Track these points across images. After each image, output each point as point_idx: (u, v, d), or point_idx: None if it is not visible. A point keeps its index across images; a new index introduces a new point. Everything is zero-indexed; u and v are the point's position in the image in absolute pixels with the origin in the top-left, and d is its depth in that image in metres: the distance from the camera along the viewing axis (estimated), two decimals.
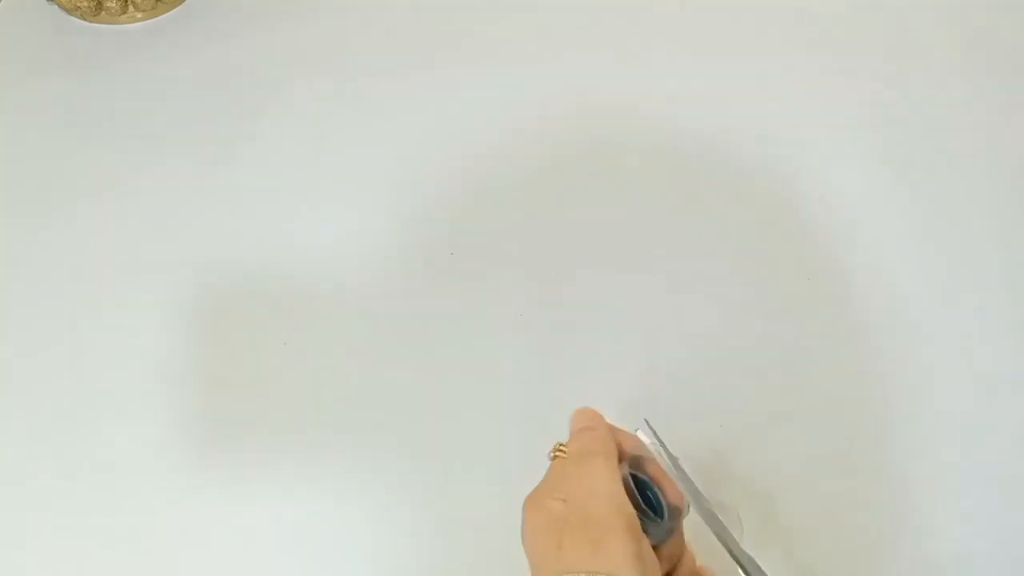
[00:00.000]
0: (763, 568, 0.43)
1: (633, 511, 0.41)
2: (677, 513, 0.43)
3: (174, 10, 0.82)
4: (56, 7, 0.81)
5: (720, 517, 0.43)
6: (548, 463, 0.45)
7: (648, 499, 0.43)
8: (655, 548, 0.42)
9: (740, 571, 0.42)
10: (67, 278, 0.67)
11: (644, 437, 0.46)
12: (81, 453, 0.60)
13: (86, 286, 0.67)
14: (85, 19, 0.81)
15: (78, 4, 0.79)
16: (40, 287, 0.67)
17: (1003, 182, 0.73)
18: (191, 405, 0.62)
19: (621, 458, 0.44)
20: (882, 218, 0.71)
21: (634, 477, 0.44)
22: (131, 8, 0.81)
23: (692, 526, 0.45)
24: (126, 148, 0.74)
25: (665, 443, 0.46)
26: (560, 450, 0.45)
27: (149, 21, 0.82)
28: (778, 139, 0.74)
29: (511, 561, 0.43)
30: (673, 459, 0.46)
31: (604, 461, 0.42)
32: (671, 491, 0.44)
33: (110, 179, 0.72)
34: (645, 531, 0.41)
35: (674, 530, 0.43)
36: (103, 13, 0.81)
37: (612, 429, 0.46)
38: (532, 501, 0.43)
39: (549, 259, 0.68)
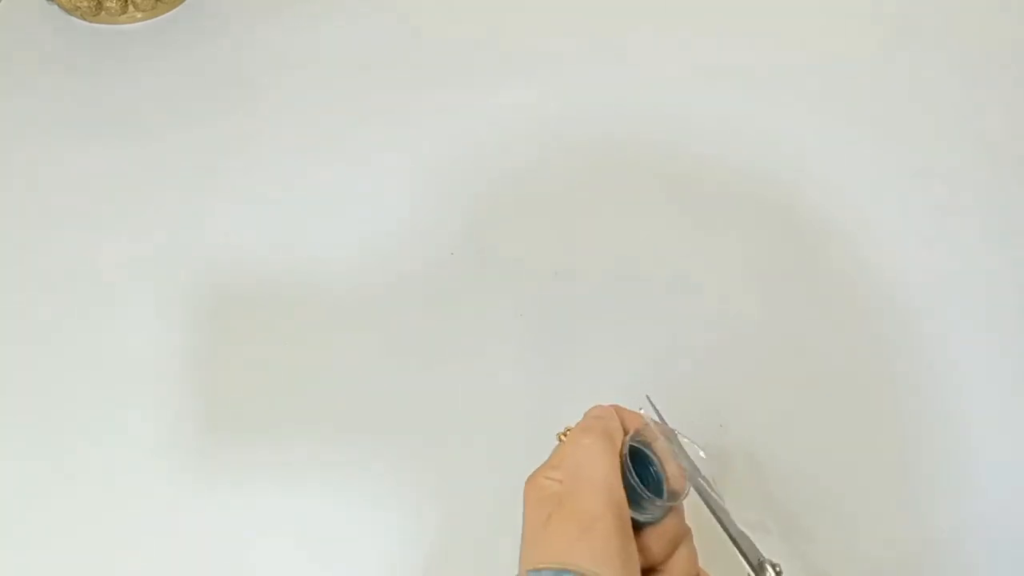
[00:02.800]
0: (757, 545, 0.42)
1: (625, 501, 0.41)
2: (675, 495, 0.43)
3: (174, 10, 0.82)
4: (56, 7, 0.81)
5: (716, 495, 0.43)
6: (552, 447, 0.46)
7: (648, 476, 0.43)
8: (649, 527, 0.42)
9: (736, 550, 0.42)
10: (66, 278, 0.67)
11: (645, 416, 0.46)
12: (80, 453, 0.60)
13: (85, 286, 0.67)
14: (85, 19, 0.81)
15: (78, 4, 0.79)
16: (39, 287, 0.67)
17: (1007, 181, 0.73)
18: (190, 405, 0.62)
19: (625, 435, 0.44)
20: (883, 218, 0.71)
21: (636, 453, 0.43)
22: (131, 8, 0.81)
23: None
24: (126, 148, 0.74)
25: (665, 419, 0.46)
26: (567, 433, 0.46)
27: (149, 21, 0.82)
28: (783, 142, 0.74)
29: (513, 554, 0.43)
30: (673, 436, 0.45)
31: (603, 444, 0.42)
32: (673, 472, 0.44)
33: (109, 179, 0.72)
34: (640, 507, 0.42)
35: (670, 511, 0.43)
36: (103, 13, 0.81)
37: (620, 411, 0.45)
38: (530, 479, 0.43)
39: (549, 259, 0.68)
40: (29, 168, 0.73)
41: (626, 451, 0.43)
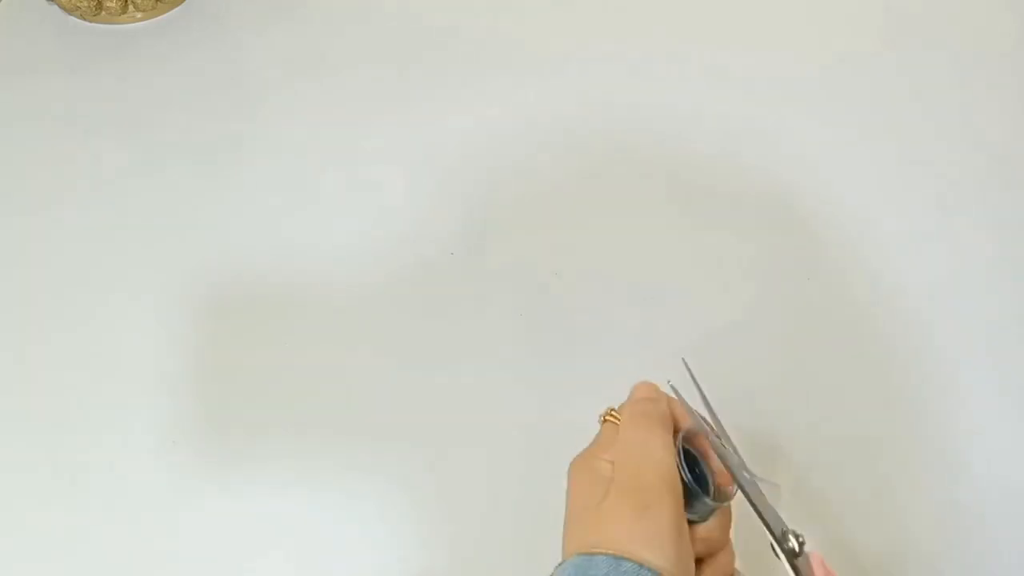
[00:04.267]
0: (782, 517, 0.42)
1: (680, 486, 0.40)
2: (723, 494, 0.43)
3: (174, 10, 0.83)
4: (56, 7, 0.81)
5: (759, 485, 0.42)
6: (595, 427, 0.45)
7: (696, 475, 0.42)
8: (691, 525, 0.41)
9: (760, 520, 0.41)
10: (67, 278, 0.67)
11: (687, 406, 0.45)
12: (81, 453, 0.60)
13: (86, 286, 0.67)
14: (85, 19, 0.81)
15: (78, 4, 0.79)
16: (39, 287, 0.67)
17: (1007, 180, 0.73)
18: (190, 405, 0.62)
19: (676, 431, 0.43)
20: (884, 217, 0.71)
21: (686, 451, 0.43)
22: (131, 8, 0.81)
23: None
24: (126, 148, 0.74)
25: (700, 385, 0.45)
26: (612, 415, 0.44)
27: (149, 21, 0.82)
28: (783, 143, 0.74)
29: (514, 555, 0.43)
30: (717, 423, 0.44)
31: (660, 430, 0.41)
32: (720, 471, 0.43)
33: (110, 179, 0.72)
34: (688, 506, 0.41)
35: (715, 511, 0.42)
36: (103, 13, 0.81)
37: (671, 402, 0.45)
38: (580, 461, 0.42)
39: (549, 259, 0.68)
40: (29, 167, 0.73)
41: (679, 447, 0.42)
